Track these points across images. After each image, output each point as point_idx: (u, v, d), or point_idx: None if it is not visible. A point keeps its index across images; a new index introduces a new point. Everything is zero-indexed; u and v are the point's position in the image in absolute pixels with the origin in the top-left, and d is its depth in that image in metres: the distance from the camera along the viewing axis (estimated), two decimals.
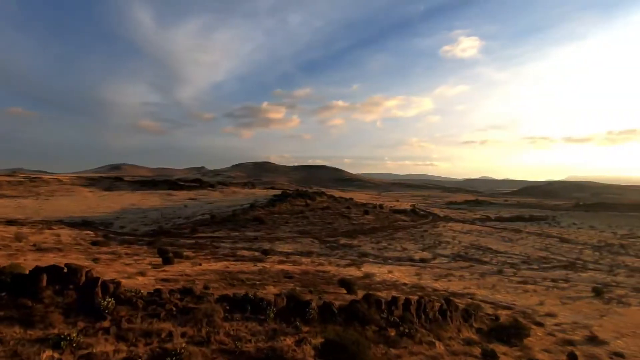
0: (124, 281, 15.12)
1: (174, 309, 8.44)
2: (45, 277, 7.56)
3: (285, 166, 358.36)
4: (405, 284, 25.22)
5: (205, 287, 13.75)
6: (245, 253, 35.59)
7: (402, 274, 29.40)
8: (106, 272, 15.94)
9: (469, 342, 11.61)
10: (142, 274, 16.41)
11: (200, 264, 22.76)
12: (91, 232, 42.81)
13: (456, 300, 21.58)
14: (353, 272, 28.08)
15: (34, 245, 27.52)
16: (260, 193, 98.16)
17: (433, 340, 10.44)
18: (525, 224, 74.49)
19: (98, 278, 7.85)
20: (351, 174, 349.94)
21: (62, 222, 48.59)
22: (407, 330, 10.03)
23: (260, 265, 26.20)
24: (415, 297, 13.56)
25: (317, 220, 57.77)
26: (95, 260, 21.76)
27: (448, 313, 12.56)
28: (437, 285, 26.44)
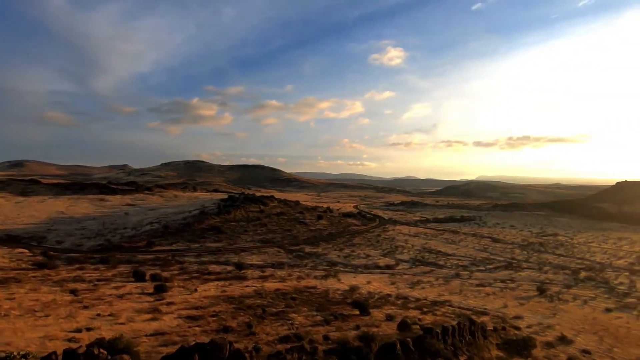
0: (153, 324, 14.04)
1: None
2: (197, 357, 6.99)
3: (220, 165, 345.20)
4: (389, 295, 26.77)
5: (249, 326, 13.43)
6: (217, 268, 34.33)
7: (380, 284, 31.05)
8: (119, 314, 14.55)
9: None
10: (157, 311, 15.26)
11: (195, 289, 21.61)
12: (26, 251, 37.38)
13: (443, 310, 23.78)
14: (337, 284, 28.92)
15: None
16: (205, 197, 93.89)
17: None
18: (459, 224, 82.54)
19: (238, 350, 7.51)
20: (288, 174, 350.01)
21: None
22: (466, 357, 11.16)
23: (250, 284, 25.69)
24: (454, 322, 14.86)
25: (276, 228, 57.41)
26: (73, 292, 19.51)
27: (476, 333, 14.03)
28: (416, 294, 28.52)
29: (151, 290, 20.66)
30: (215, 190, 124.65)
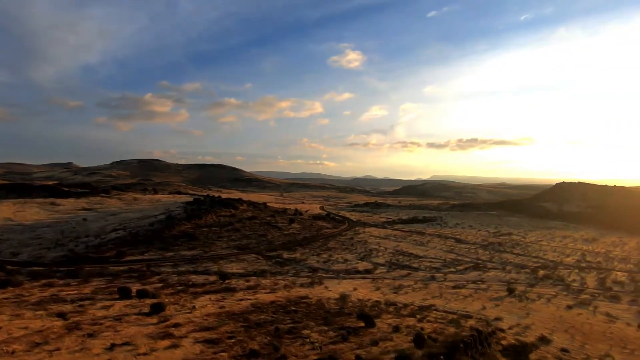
0: (177, 353, 13.54)
1: None
2: None
3: (177, 164, 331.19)
4: (379, 302, 27.67)
5: (275, 348, 13.45)
6: (199, 279, 33.45)
7: (366, 290, 31.93)
8: (134, 342, 13.85)
9: None
10: (171, 336, 14.67)
11: (193, 307, 20.96)
12: None
13: (433, 315, 25.04)
14: (326, 293, 29.32)
15: None
16: (168, 200, 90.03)
17: None
18: (423, 225, 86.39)
19: None
20: (249, 173, 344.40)
21: None
22: None
23: (242, 296, 25.33)
24: (451, 329, 15.81)
25: (250, 233, 56.60)
26: (62, 316, 18.19)
27: (484, 342, 15.13)
28: (402, 299, 29.71)
29: (147, 310, 19.74)
30: (178, 192, 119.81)
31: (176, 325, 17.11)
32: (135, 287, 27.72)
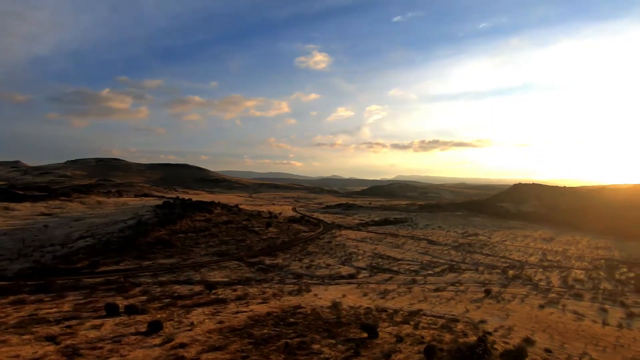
0: None
1: None
2: None
3: (138, 164, 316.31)
4: (370, 308, 28.22)
5: None
6: (183, 290, 32.43)
7: (354, 296, 32.43)
8: None
9: None
10: (183, 359, 14.24)
11: (192, 323, 20.35)
12: None
13: (425, 320, 25.93)
14: (317, 301, 29.46)
15: None
16: (135, 203, 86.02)
17: None
18: (396, 227, 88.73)
19: None
20: (216, 173, 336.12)
21: None
22: None
23: (235, 308, 24.90)
24: (447, 335, 16.52)
25: (228, 238, 55.43)
26: (52, 339, 17.08)
27: (487, 350, 15.97)
28: (390, 304, 30.49)
29: (144, 329, 18.96)
30: (145, 195, 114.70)
31: (182, 345, 16.62)
32: (118, 301, 26.53)
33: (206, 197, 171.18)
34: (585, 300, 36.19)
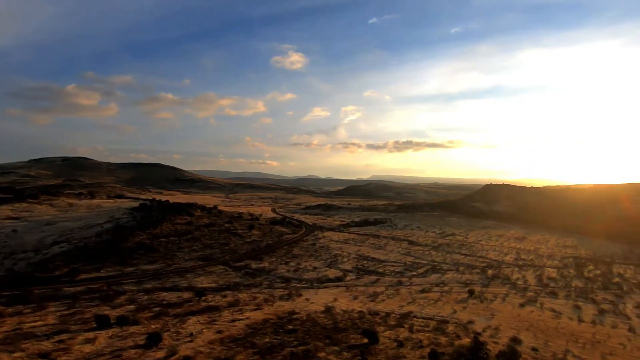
0: None
1: None
2: None
3: (109, 163, 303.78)
4: (362, 312, 28.68)
5: None
6: (171, 297, 31.77)
7: (345, 300, 32.80)
8: None
9: None
10: None
11: (191, 334, 19.99)
12: None
13: (418, 323, 26.63)
14: (309, 305, 29.63)
15: None
16: (109, 205, 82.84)
17: None
18: (376, 228, 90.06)
19: None
20: (191, 173, 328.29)
21: None
22: None
23: (230, 316, 24.66)
24: (444, 338, 17.16)
25: (211, 242, 54.46)
26: (45, 356, 16.40)
27: (484, 352, 16.71)
28: (381, 307, 31.05)
29: (143, 341, 18.50)
30: (119, 196, 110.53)
31: (187, 358, 16.39)
32: (105, 311, 25.77)
33: (182, 197, 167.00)
34: (560, 298, 38.21)
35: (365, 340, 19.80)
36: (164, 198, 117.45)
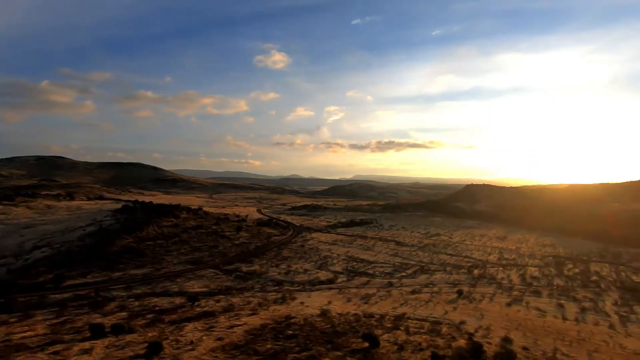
0: None
1: None
2: None
3: (86, 162, 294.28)
4: (357, 314, 28.99)
5: None
6: (163, 303, 31.27)
7: (339, 302, 33.03)
8: None
9: None
10: None
11: (191, 342, 19.76)
12: None
13: (413, 325, 27.12)
14: (304, 309, 29.70)
15: None
16: (90, 207, 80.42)
17: None
18: (363, 228, 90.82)
19: None
20: (172, 173, 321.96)
21: None
22: None
23: (227, 322, 24.49)
24: (441, 340, 17.64)
25: (200, 245, 53.70)
26: None
27: (483, 354, 17.25)
28: (375, 309, 31.44)
29: (142, 351, 18.18)
30: (100, 198, 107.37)
31: None
32: (96, 319, 25.26)
33: (164, 198, 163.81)
34: (543, 297, 39.63)
35: (366, 345, 20.06)
36: (145, 199, 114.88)
